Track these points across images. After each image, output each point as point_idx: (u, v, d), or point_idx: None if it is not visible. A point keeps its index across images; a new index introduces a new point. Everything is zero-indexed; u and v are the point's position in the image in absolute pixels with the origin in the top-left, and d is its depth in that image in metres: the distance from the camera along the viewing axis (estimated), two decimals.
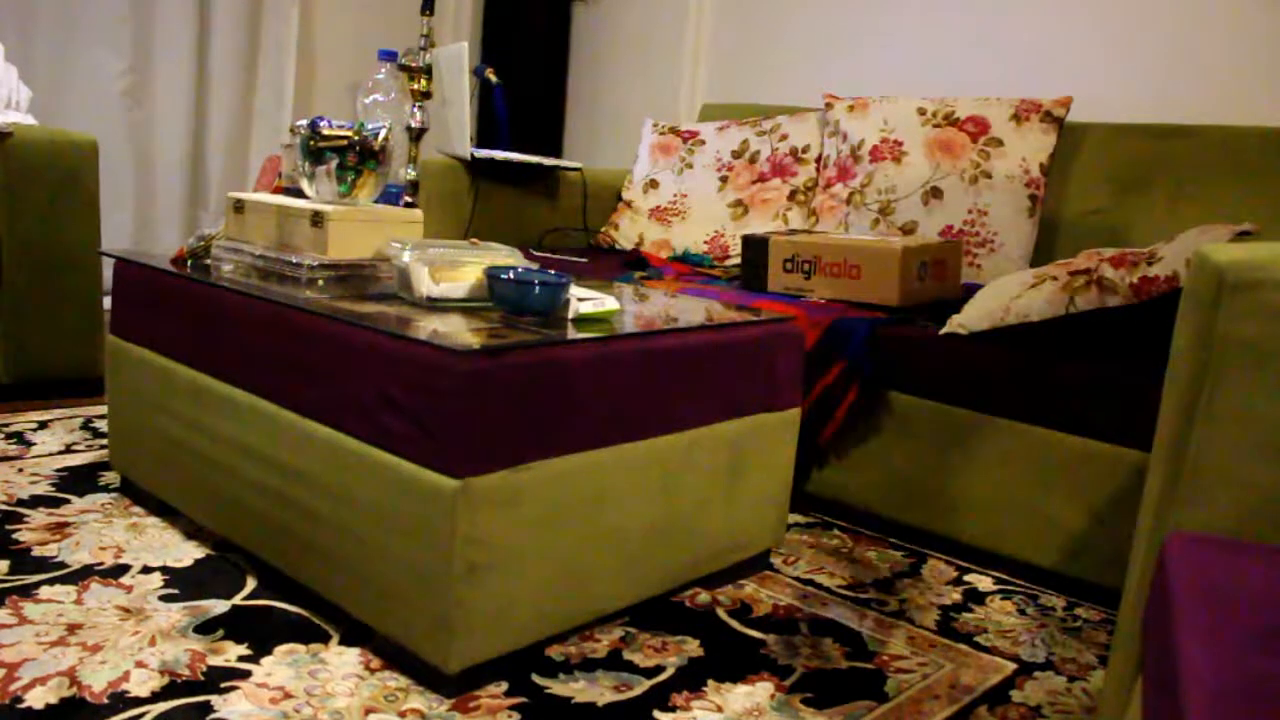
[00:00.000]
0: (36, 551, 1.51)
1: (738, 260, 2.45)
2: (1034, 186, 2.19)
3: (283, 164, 1.77)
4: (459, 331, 1.25)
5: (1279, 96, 2.15)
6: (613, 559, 1.35)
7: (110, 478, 1.84)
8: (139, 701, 1.14)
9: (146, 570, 1.48)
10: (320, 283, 1.44)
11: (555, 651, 1.34)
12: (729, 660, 1.36)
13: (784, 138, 2.67)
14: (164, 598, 1.40)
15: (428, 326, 1.26)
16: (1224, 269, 0.86)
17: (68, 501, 1.72)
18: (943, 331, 1.82)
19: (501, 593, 1.21)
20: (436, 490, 1.15)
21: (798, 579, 1.66)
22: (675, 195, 2.75)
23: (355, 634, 1.33)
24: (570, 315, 1.36)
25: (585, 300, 1.38)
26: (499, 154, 2.65)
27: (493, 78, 3.02)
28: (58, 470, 1.86)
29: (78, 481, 1.82)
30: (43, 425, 2.12)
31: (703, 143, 2.79)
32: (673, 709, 1.23)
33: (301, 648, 1.29)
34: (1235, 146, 2.04)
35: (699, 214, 2.69)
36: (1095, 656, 1.47)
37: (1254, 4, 2.19)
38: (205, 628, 1.32)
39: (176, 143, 3.28)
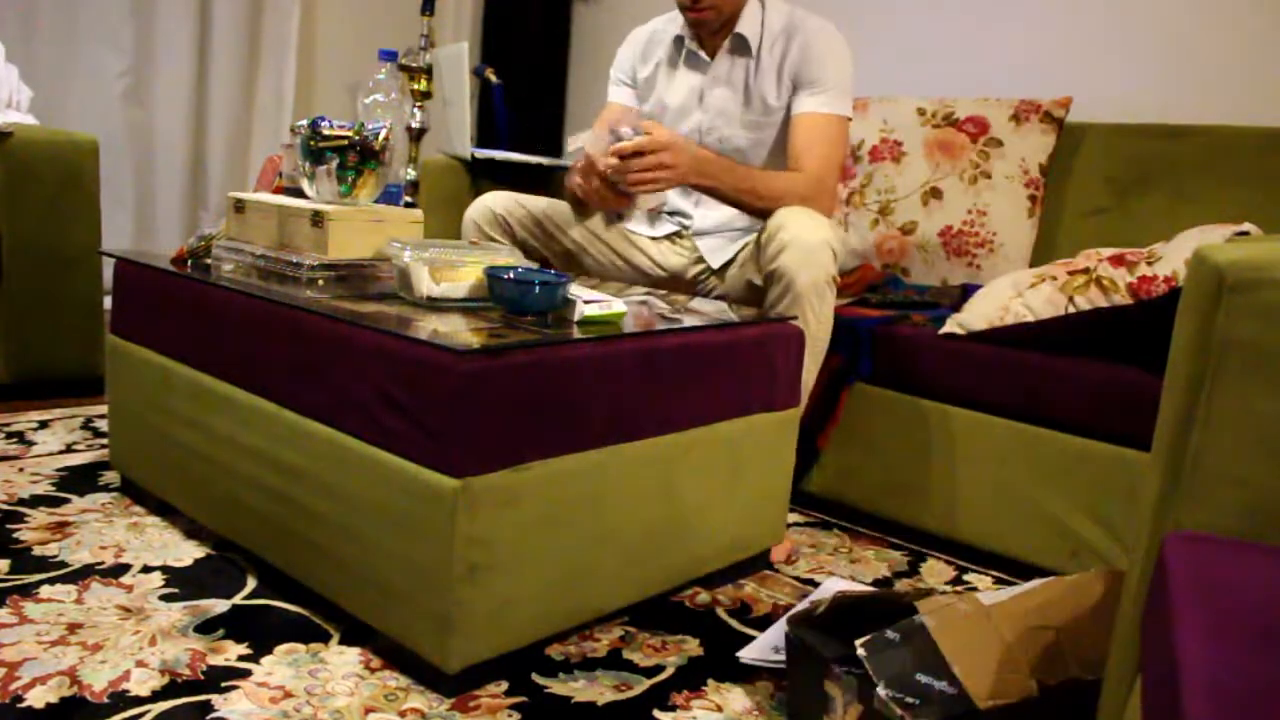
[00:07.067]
0: (37, 551, 1.51)
1: None
2: (1033, 187, 2.19)
3: (283, 164, 1.76)
4: (459, 331, 1.25)
5: (1279, 96, 2.15)
6: (613, 559, 1.35)
7: (110, 477, 1.84)
8: (139, 701, 1.14)
9: (147, 570, 1.48)
10: (320, 283, 1.44)
11: (555, 651, 1.34)
12: (729, 659, 1.36)
13: None
14: (164, 597, 1.40)
15: (428, 326, 1.26)
16: (1223, 269, 0.86)
17: (68, 501, 1.72)
18: (942, 331, 1.82)
19: (501, 593, 1.21)
20: (436, 490, 1.15)
21: (797, 579, 1.66)
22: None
23: (355, 633, 1.33)
24: (576, 318, 1.36)
25: (591, 303, 1.37)
26: (499, 154, 2.65)
27: (493, 78, 3.02)
28: (58, 470, 1.86)
29: (78, 481, 1.82)
30: (43, 425, 2.12)
31: None
32: (673, 708, 1.23)
33: (301, 647, 1.29)
34: (1235, 146, 2.04)
35: None
36: None
37: (1253, 4, 2.19)
38: (205, 627, 1.32)
39: (177, 143, 3.28)
